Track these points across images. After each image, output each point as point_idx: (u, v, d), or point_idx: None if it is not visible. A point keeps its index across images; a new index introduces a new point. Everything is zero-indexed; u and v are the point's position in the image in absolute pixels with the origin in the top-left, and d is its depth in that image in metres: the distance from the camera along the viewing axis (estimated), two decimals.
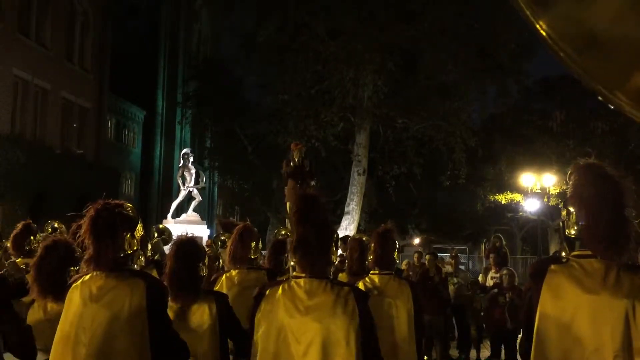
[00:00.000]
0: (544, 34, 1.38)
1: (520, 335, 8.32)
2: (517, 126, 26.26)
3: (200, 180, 18.02)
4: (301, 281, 2.43)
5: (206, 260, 3.50)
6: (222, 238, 6.33)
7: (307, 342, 2.32)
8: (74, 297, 2.64)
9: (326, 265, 2.51)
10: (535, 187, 21.12)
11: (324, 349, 2.31)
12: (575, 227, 2.38)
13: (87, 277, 2.68)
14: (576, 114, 25.82)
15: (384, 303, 3.82)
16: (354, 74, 19.20)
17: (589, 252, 2.31)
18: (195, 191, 17.67)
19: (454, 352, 9.57)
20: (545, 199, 21.17)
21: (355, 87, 19.73)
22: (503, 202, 26.24)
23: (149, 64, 34.41)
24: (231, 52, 28.76)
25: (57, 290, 3.06)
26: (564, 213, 2.46)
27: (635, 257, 2.47)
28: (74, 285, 2.69)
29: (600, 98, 1.43)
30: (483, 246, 29.20)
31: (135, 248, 2.75)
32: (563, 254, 2.57)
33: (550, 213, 24.58)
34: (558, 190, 22.81)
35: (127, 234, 2.70)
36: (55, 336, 2.62)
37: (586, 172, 2.39)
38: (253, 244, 4.50)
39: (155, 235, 8.59)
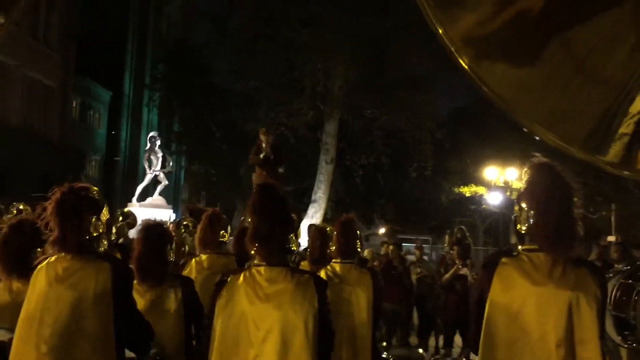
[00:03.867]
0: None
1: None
2: (482, 119, 26.69)
3: (167, 164, 17.89)
4: (261, 269, 2.51)
5: (173, 245, 3.55)
6: (185, 223, 6.36)
7: (267, 328, 2.40)
8: (39, 278, 2.67)
9: (284, 253, 2.59)
10: (498, 181, 21.55)
11: (283, 336, 2.39)
12: (526, 223, 2.51)
13: (53, 258, 2.71)
14: None
15: (345, 291, 3.93)
16: (324, 64, 19.27)
17: (537, 247, 2.45)
18: (161, 175, 17.54)
19: (414, 340, 9.79)
20: (508, 193, 21.60)
21: (325, 77, 19.81)
22: (467, 194, 26.68)
23: (116, 44, 33.78)
24: (201, 36, 28.44)
25: (22, 270, 3.08)
26: (516, 208, 2.59)
27: (581, 252, 2.63)
28: (39, 266, 2.72)
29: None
30: (447, 237, 29.72)
31: (100, 231, 2.79)
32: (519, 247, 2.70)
33: (513, 206, 25.05)
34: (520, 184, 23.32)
35: (92, 217, 2.74)
36: (20, 316, 2.65)
37: (538, 171, 2.52)
38: (222, 230, 4.57)
39: (120, 219, 8.54)
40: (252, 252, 2.58)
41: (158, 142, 17.63)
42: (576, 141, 1.61)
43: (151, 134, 18.51)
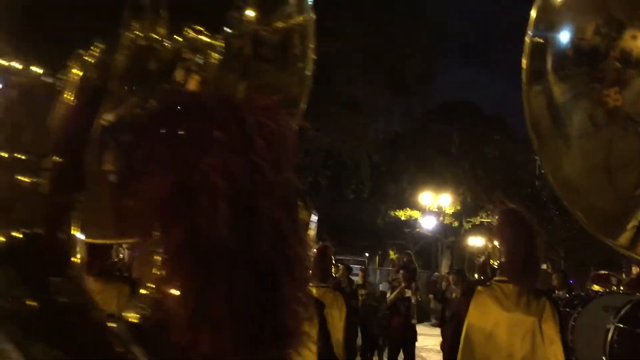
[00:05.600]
0: None
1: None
2: (418, 145, 27.80)
3: None
4: None
5: None
6: None
7: None
8: None
9: None
10: (432, 206, 22.53)
11: None
12: (497, 259, 3.03)
13: None
14: (470, 137, 27.75)
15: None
16: None
17: (507, 279, 2.96)
18: None
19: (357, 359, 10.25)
20: (441, 217, 22.63)
21: None
22: (403, 218, 27.63)
23: None
24: None
25: None
26: (490, 246, 3.11)
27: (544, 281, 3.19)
28: None
29: None
30: (377, 258, 30.57)
31: None
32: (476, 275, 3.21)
33: (445, 230, 26.24)
34: (453, 210, 24.43)
35: None
36: None
37: (507, 216, 3.05)
38: None
39: None
40: None
41: None
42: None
43: None
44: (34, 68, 0.83)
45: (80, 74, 0.81)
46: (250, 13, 1.49)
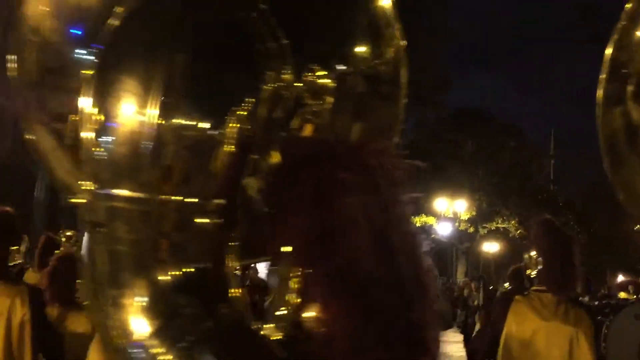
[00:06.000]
0: None
1: None
2: (432, 153, 27.88)
3: None
4: None
5: None
6: None
7: None
8: None
9: None
10: (448, 212, 22.53)
11: None
12: (535, 269, 3.10)
13: None
14: (485, 145, 27.79)
15: None
16: None
17: (544, 288, 3.03)
18: None
19: None
20: (457, 224, 22.62)
21: None
22: (418, 224, 27.65)
23: None
24: None
25: None
26: (526, 256, 3.18)
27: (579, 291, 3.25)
28: None
29: None
30: None
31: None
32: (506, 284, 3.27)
33: (460, 236, 26.21)
34: (468, 216, 24.38)
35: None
36: None
37: (542, 226, 3.11)
38: None
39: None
40: None
41: None
42: None
43: None
44: (201, 124, 0.95)
45: (237, 126, 0.93)
46: (360, 49, 1.44)
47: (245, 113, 0.98)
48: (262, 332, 0.84)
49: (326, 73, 1.27)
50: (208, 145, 0.92)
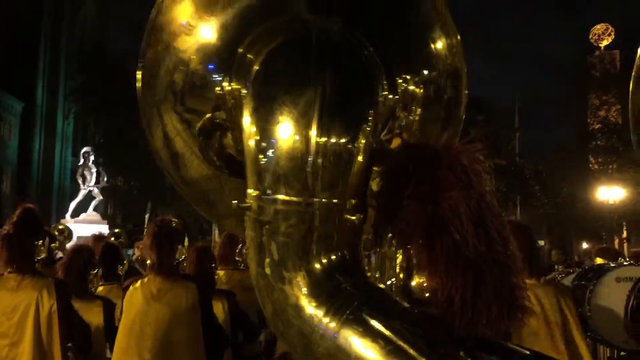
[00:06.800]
0: None
1: None
2: None
3: (101, 179, 17.72)
4: None
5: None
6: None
7: None
8: (136, 297, 3.13)
9: None
10: None
11: None
12: None
13: (145, 280, 3.17)
14: None
15: None
16: None
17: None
18: (95, 190, 17.35)
19: None
20: None
21: None
22: None
23: (28, 53, 32.49)
24: (120, 41, 27.53)
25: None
26: None
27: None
28: (132, 287, 3.17)
29: None
30: None
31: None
32: None
33: None
34: None
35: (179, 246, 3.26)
36: (120, 330, 3.09)
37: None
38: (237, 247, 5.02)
39: (57, 234, 8.66)
40: None
41: (92, 158, 17.45)
42: None
43: (84, 149, 18.31)
44: (342, 139, 1.15)
45: (366, 140, 1.15)
46: (439, 45, 1.38)
47: (369, 129, 1.14)
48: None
49: (415, 79, 1.31)
50: (347, 156, 1.10)
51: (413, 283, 1.08)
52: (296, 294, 1.04)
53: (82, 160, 17.63)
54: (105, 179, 19.71)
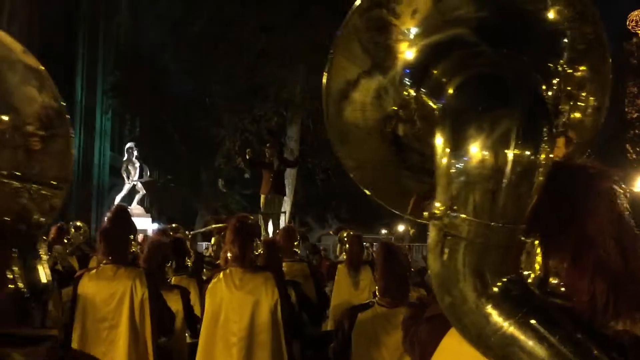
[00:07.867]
0: None
1: None
2: None
3: (144, 173, 18.20)
4: None
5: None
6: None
7: None
8: (219, 287, 3.43)
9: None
10: None
11: None
12: None
13: (228, 271, 3.46)
14: None
15: None
16: (285, 70, 19.82)
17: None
18: (139, 185, 17.84)
19: None
20: None
21: (286, 83, 20.37)
22: None
23: (67, 51, 33.28)
24: (156, 41, 27.92)
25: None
26: None
27: None
28: (215, 279, 3.48)
29: None
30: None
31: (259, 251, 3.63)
32: None
33: None
34: None
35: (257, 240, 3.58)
36: (205, 317, 3.39)
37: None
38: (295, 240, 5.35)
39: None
40: None
41: (135, 153, 17.92)
42: None
43: (128, 144, 18.79)
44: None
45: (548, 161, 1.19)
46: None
47: (551, 147, 1.18)
48: None
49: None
50: (534, 180, 1.14)
51: (551, 280, 1.24)
52: (475, 300, 1.11)
53: (126, 156, 18.13)
54: (148, 173, 20.22)
